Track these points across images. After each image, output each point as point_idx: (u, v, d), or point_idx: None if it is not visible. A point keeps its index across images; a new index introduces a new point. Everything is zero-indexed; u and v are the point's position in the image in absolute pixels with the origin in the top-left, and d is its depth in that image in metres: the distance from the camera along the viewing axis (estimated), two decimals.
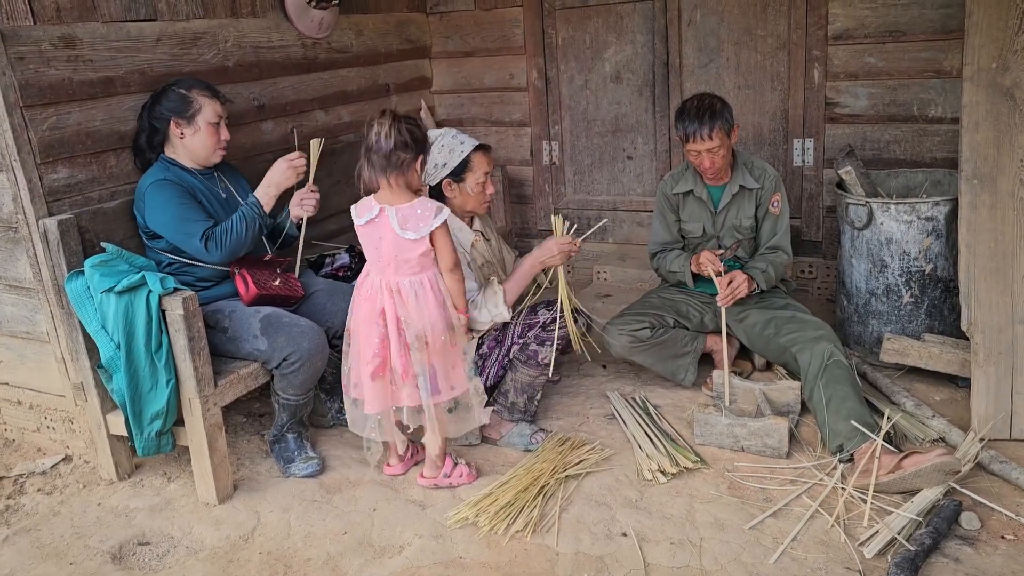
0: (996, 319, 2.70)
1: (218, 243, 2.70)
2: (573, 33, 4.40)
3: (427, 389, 2.52)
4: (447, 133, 2.82)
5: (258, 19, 3.50)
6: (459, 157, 2.76)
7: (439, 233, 2.45)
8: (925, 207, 3.09)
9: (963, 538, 2.28)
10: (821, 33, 3.79)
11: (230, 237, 2.72)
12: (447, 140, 2.78)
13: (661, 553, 2.31)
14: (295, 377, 2.72)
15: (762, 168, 3.20)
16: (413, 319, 2.47)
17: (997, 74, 2.64)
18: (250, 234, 2.77)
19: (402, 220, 2.42)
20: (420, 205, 2.44)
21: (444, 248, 2.48)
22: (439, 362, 2.53)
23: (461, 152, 2.76)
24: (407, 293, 2.47)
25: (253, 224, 2.78)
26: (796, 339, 2.93)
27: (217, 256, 2.72)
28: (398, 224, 2.42)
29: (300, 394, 2.79)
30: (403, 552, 2.41)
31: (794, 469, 2.66)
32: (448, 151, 2.76)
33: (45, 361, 2.90)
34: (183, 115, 2.77)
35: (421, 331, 2.48)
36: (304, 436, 2.92)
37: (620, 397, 3.18)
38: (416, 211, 2.42)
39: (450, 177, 2.77)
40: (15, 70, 2.53)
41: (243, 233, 2.75)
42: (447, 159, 2.75)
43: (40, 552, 2.53)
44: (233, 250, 2.75)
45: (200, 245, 2.69)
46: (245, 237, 2.76)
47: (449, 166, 2.76)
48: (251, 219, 2.77)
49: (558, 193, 4.72)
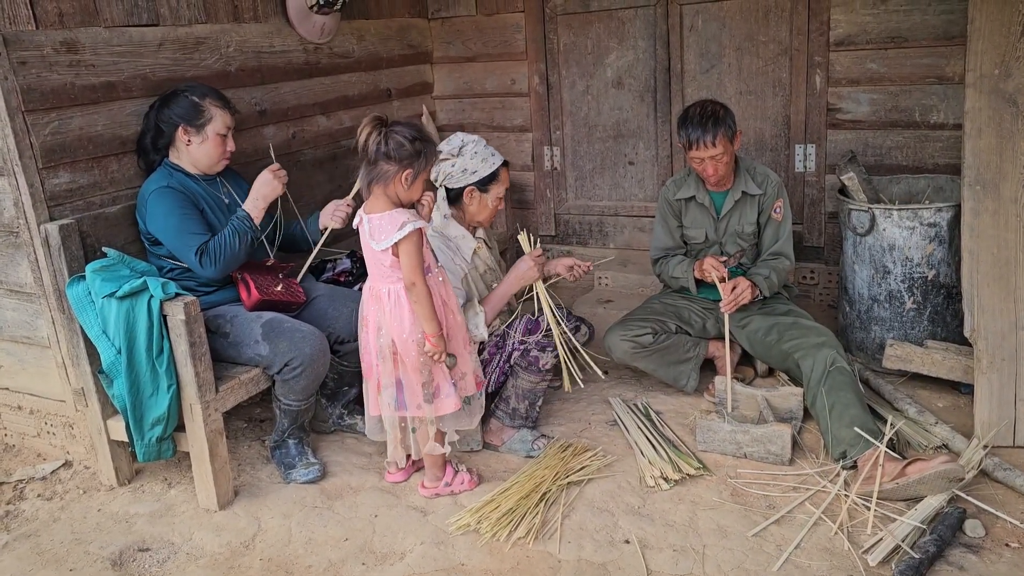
0: (999, 325, 2.70)
1: (212, 258, 2.69)
2: (575, 38, 4.40)
3: (392, 401, 2.52)
4: (479, 141, 2.83)
5: (260, 24, 3.50)
6: (490, 168, 2.78)
7: (403, 248, 2.37)
8: (928, 213, 3.08)
9: (967, 546, 2.27)
10: (823, 39, 3.79)
11: (223, 252, 2.71)
12: (480, 148, 2.80)
13: (664, 560, 2.30)
14: (296, 383, 2.72)
15: (764, 174, 3.20)
16: (386, 328, 2.47)
17: (1000, 80, 2.64)
18: (243, 248, 2.76)
19: (372, 229, 2.41)
20: (389, 217, 2.38)
21: (405, 263, 2.39)
22: (410, 378, 2.50)
23: (493, 164, 2.79)
24: (385, 301, 2.47)
25: (245, 237, 2.76)
26: (798, 345, 2.92)
27: (212, 271, 2.71)
28: (369, 233, 2.42)
29: (302, 400, 2.78)
30: (404, 559, 2.40)
31: (797, 476, 2.65)
32: (481, 160, 2.77)
33: (46, 366, 2.90)
34: (193, 123, 2.77)
35: (392, 341, 2.47)
36: (305, 442, 2.91)
37: (622, 403, 3.17)
38: (383, 222, 2.39)
39: (476, 185, 2.78)
40: (17, 74, 2.53)
41: (236, 247, 2.73)
42: (478, 167, 2.76)
43: (40, 558, 2.52)
44: (227, 265, 2.74)
45: (195, 259, 2.68)
46: (239, 250, 2.74)
47: (479, 175, 2.77)
48: (242, 232, 2.75)
49: (559, 199, 4.72)
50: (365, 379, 2.61)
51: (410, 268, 2.39)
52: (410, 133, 2.37)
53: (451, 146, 2.82)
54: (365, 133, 2.35)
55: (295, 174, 3.54)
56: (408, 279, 2.40)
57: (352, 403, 3.14)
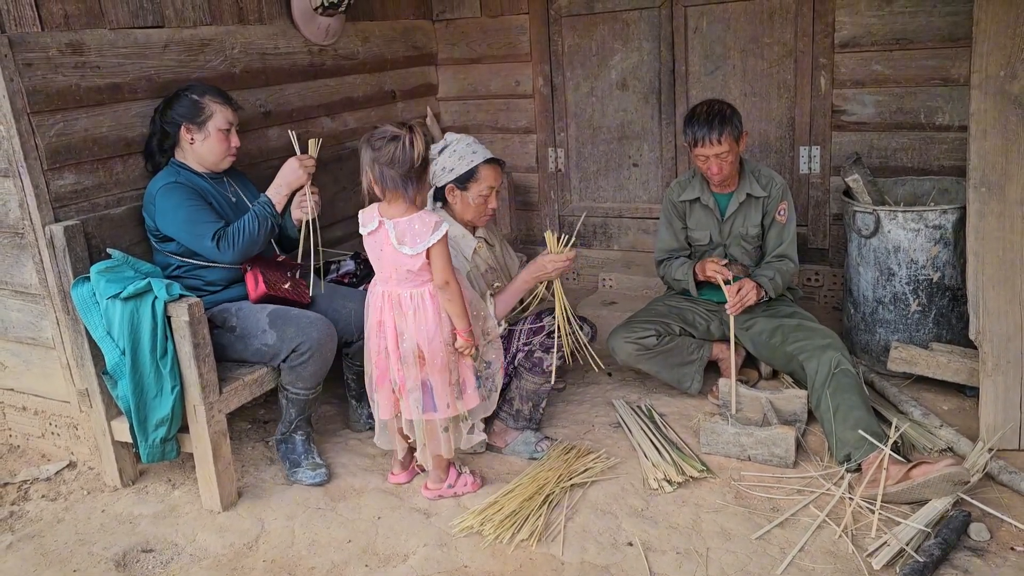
0: (1005, 328, 2.69)
1: (230, 242, 2.71)
2: (579, 40, 4.40)
3: (419, 405, 2.51)
4: (463, 140, 2.81)
5: (265, 26, 3.51)
6: (467, 166, 2.75)
7: (436, 249, 2.39)
8: (933, 215, 3.08)
9: (972, 549, 2.26)
10: (828, 41, 3.78)
11: (242, 236, 2.73)
12: (460, 147, 2.78)
13: (667, 563, 2.30)
14: (305, 368, 2.71)
15: (769, 176, 3.20)
16: (410, 332, 2.46)
17: (1005, 82, 2.63)
18: (263, 232, 2.78)
19: (400, 234, 2.39)
20: (419, 220, 2.39)
21: (438, 264, 2.41)
22: (438, 379, 2.49)
23: (471, 162, 2.75)
24: (407, 306, 2.46)
25: (266, 223, 2.78)
26: (803, 347, 2.92)
27: (229, 255, 2.72)
28: (395, 238, 2.40)
29: (310, 387, 2.77)
30: (407, 561, 2.39)
31: (801, 478, 2.64)
32: (458, 158, 2.75)
33: (50, 367, 2.91)
34: (194, 120, 2.78)
35: (416, 345, 2.46)
36: (312, 439, 2.91)
37: (626, 405, 3.17)
38: (414, 226, 2.38)
39: (455, 183, 2.77)
40: (23, 76, 2.54)
41: (255, 231, 2.75)
42: (455, 165, 2.75)
43: (44, 559, 2.52)
44: (246, 249, 2.75)
45: (212, 245, 2.69)
46: (258, 235, 2.76)
47: (456, 172, 2.75)
48: (263, 218, 2.78)
49: (563, 200, 4.71)
50: (376, 385, 2.58)
51: (445, 267, 2.41)
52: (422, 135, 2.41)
53: (438, 146, 2.83)
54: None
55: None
56: (442, 278, 2.41)
57: None
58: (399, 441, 2.71)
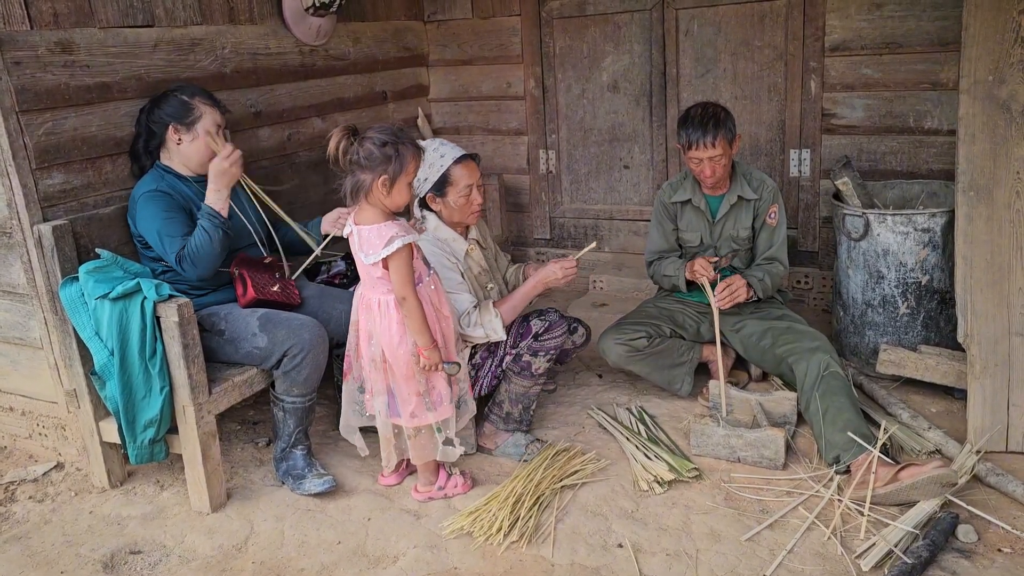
0: (992, 331, 2.70)
1: (191, 261, 2.65)
2: (570, 42, 4.41)
3: (385, 407, 2.53)
4: (431, 144, 2.79)
5: (256, 26, 3.50)
6: (437, 173, 2.74)
7: (392, 262, 2.33)
8: (921, 218, 3.09)
9: (960, 551, 2.27)
10: (818, 44, 3.80)
11: (200, 254, 2.65)
12: (428, 153, 2.74)
13: (657, 564, 2.30)
14: (299, 373, 2.69)
15: (760, 179, 3.21)
16: (377, 336, 2.47)
17: (993, 86, 2.65)
18: (217, 244, 2.68)
19: (362, 241, 2.39)
20: (376, 231, 2.34)
21: (395, 279, 2.36)
22: (403, 387, 2.49)
23: (440, 167, 2.74)
24: (376, 311, 2.46)
25: (216, 234, 2.67)
26: (792, 350, 2.93)
27: (194, 274, 2.68)
28: (358, 245, 2.40)
29: (306, 394, 2.75)
30: (397, 562, 2.39)
31: (790, 480, 2.65)
32: (428, 165, 2.73)
33: (38, 367, 2.89)
34: (182, 121, 2.76)
35: (381, 351, 2.47)
36: (312, 452, 2.86)
37: (600, 412, 3.16)
38: (372, 237, 2.35)
39: (432, 192, 2.77)
40: (11, 75, 2.52)
41: (210, 246, 2.66)
42: (427, 174, 2.75)
43: (31, 560, 2.50)
44: (209, 264, 2.69)
45: (177, 264, 2.67)
46: (214, 248, 2.67)
47: (430, 181, 2.76)
48: (213, 230, 2.67)
49: (555, 202, 4.72)
50: (344, 376, 2.63)
51: (400, 283, 2.36)
52: (380, 138, 2.30)
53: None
54: (334, 143, 2.30)
55: (290, 176, 3.55)
56: (399, 293, 2.37)
57: None
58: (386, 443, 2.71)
